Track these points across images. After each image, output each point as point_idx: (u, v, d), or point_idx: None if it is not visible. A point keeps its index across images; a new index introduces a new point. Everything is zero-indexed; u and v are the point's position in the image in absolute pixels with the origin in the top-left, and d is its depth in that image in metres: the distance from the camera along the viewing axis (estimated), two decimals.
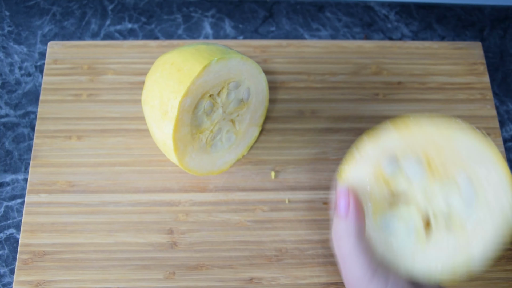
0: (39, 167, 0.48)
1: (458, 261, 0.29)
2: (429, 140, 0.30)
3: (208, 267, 0.44)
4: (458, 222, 0.29)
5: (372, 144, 0.31)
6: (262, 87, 0.46)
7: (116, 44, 0.54)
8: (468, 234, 0.29)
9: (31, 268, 0.44)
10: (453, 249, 0.29)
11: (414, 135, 0.30)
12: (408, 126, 0.30)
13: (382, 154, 0.31)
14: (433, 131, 0.30)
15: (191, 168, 0.43)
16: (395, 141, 0.31)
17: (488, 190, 0.29)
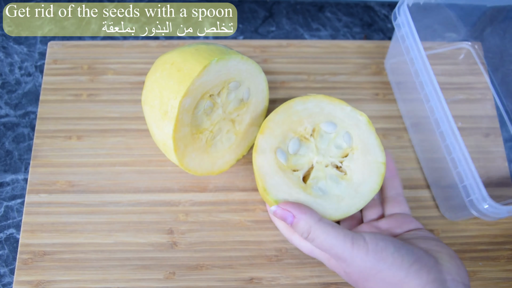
0: (39, 167, 0.48)
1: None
2: (288, 122, 0.40)
3: (208, 267, 0.44)
4: (352, 153, 0.39)
5: (264, 139, 0.39)
6: (262, 87, 0.46)
7: (116, 44, 0.54)
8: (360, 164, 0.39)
9: (31, 268, 0.44)
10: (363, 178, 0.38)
11: (276, 128, 0.39)
12: (268, 126, 0.39)
13: (272, 146, 0.39)
14: (284, 116, 0.40)
15: (191, 168, 0.43)
16: (269, 141, 0.39)
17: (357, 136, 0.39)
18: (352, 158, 0.39)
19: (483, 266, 0.45)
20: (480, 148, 0.50)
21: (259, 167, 0.37)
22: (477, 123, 0.52)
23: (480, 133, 0.51)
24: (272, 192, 0.36)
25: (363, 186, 0.37)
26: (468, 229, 0.47)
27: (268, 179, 0.37)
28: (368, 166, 0.38)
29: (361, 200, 0.37)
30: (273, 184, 0.37)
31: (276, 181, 0.37)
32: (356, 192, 0.37)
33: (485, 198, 0.36)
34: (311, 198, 0.37)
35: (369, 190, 0.37)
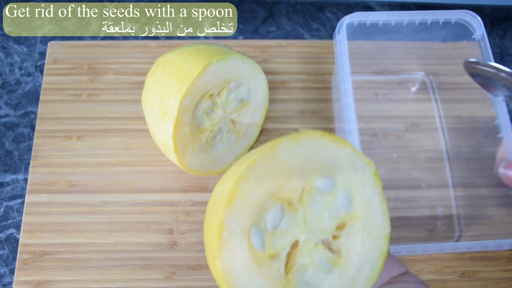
0: (39, 167, 0.48)
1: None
2: (270, 182, 0.26)
3: (208, 267, 0.44)
4: (350, 223, 0.28)
5: (233, 216, 0.25)
6: (262, 87, 0.46)
7: (116, 44, 0.54)
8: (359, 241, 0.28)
9: (31, 268, 0.44)
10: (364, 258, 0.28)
11: (252, 195, 0.26)
12: (241, 191, 0.25)
13: (245, 226, 0.25)
14: (266, 172, 0.26)
15: (191, 168, 0.43)
16: (240, 219, 0.25)
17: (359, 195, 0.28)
18: (350, 232, 0.28)
19: (483, 266, 0.45)
20: (479, 148, 0.50)
21: (226, 272, 0.24)
22: (477, 123, 0.52)
23: (480, 133, 0.51)
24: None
25: (360, 275, 0.27)
26: (468, 229, 0.47)
27: (239, 283, 0.25)
28: (368, 242, 0.27)
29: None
30: (231, 266, 0.25)
31: (238, 261, 0.25)
32: (351, 283, 0.27)
33: None
34: None
35: (367, 279, 0.27)
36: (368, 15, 0.44)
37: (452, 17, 0.46)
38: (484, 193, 0.48)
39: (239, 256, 0.25)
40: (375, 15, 0.44)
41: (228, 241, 0.24)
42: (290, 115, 0.51)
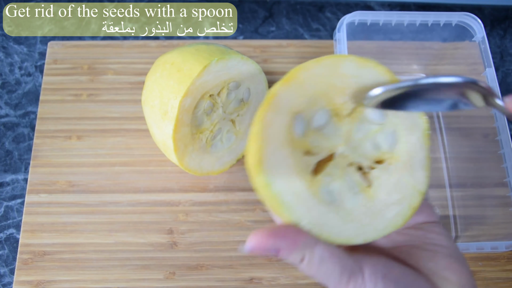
0: (39, 167, 0.48)
1: (403, 203, 0.27)
2: (327, 84, 0.26)
3: (208, 267, 0.44)
4: (389, 162, 0.27)
5: (286, 92, 0.25)
6: (262, 87, 0.46)
7: (116, 44, 0.54)
8: (400, 172, 0.27)
9: (31, 268, 0.44)
10: (395, 191, 0.27)
11: (309, 84, 0.26)
12: (299, 77, 0.26)
13: (294, 106, 0.25)
14: (326, 73, 0.26)
15: (191, 168, 0.43)
16: (293, 98, 0.25)
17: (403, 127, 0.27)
18: (387, 169, 0.27)
19: (483, 266, 0.45)
20: (479, 148, 0.50)
21: (264, 127, 0.24)
22: (477, 123, 0.52)
23: (479, 133, 0.51)
24: (267, 171, 0.24)
25: (384, 214, 0.26)
26: (468, 229, 0.47)
27: (269, 150, 0.24)
28: (401, 189, 0.27)
29: (373, 231, 0.26)
30: (272, 160, 0.24)
31: (277, 158, 0.24)
32: (372, 218, 0.26)
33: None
34: (312, 201, 0.25)
35: (390, 222, 0.26)
36: (369, 15, 0.44)
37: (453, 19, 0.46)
38: (482, 193, 0.48)
39: (279, 125, 0.25)
40: (376, 15, 0.44)
41: (274, 108, 0.25)
42: None
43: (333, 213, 0.26)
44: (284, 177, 0.25)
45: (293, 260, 0.25)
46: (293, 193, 0.25)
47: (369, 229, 0.26)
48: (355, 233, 0.26)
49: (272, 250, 0.25)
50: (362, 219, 0.26)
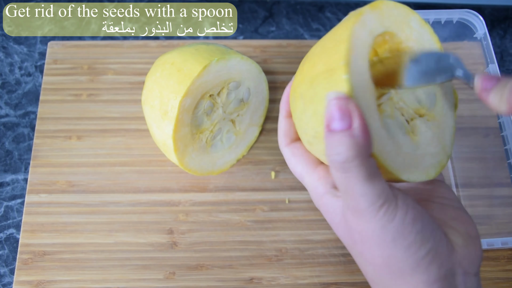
0: (39, 167, 0.48)
1: (442, 148, 0.29)
2: (399, 25, 0.28)
3: (208, 267, 0.44)
4: (427, 118, 0.29)
5: (360, 26, 0.26)
6: (262, 87, 0.46)
7: (116, 44, 0.54)
8: (439, 122, 0.29)
9: (31, 268, 0.44)
10: (437, 138, 0.29)
11: (387, 18, 0.28)
12: (381, 8, 0.28)
13: (376, 27, 0.27)
14: (400, 17, 0.28)
15: (191, 168, 0.43)
16: (374, 23, 0.27)
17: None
18: (426, 123, 0.29)
19: (483, 266, 0.45)
20: (480, 148, 0.50)
21: (353, 36, 0.25)
22: (477, 123, 0.52)
23: (480, 133, 0.51)
24: (350, 70, 0.24)
25: (423, 161, 0.28)
26: None
27: (354, 56, 0.25)
28: (435, 145, 0.29)
29: (414, 174, 0.27)
30: (355, 64, 0.25)
31: (359, 65, 0.25)
32: (414, 161, 0.27)
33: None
34: (378, 119, 0.25)
35: (425, 171, 0.28)
36: None
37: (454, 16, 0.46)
38: (484, 193, 0.48)
39: (361, 42, 0.26)
40: None
41: (362, 23, 0.26)
42: None
43: (391, 141, 0.26)
44: (360, 83, 0.25)
45: (341, 149, 0.23)
46: (366, 102, 0.25)
47: (412, 170, 0.27)
48: (402, 168, 0.26)
49: (345, 117, 0.23)
50: (407, 159, 0.27)
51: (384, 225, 0.24)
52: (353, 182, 0.24)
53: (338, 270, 0.45)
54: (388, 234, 0.24)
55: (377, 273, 0.26)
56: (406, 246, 0.24)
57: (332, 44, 0.26)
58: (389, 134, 0.26)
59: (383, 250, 0.25)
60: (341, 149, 0.23)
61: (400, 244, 0.24)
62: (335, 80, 0.24)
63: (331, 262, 0.45)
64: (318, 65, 0.26)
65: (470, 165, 0.50)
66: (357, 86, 0.24)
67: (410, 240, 0.24)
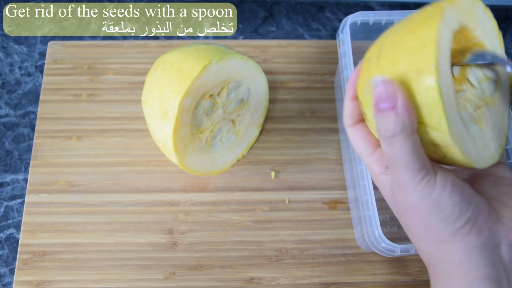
0: (39, 167, 0.48)
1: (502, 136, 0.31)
2: (468, 17, 0.29)
3: (208, 267, 0.44)
4: (490, 104, 0.31)
5: (444, 24, 0.27)
6: (262, 87, 0.46)
7: (116, 44, 0.54)
8: (498, 109, 0.31)
9: (31, 268, 0.44)
10: (496, 125, 0.31)
11: (460, 11, 0.28)
12: (456, 2, 0.28)
13: (450, 34, 0.27)
14: (469, 8, 0.29)
15: (191, 168, 0.43)
16: (453, 19, 0.28)
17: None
18: (490, 110, 0.31)
19: None
20: None
21: (438, 36, 0.26)
22: None
23: None
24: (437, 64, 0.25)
25: (489, 147, 0.30)
26: None
27: (440, 58, 0.25)
28: (497, 130, 0.31)
29: (484, 159, 0.29)
30: (440, 70, 0.25)
31: (443, 70, 0.26)
32: (484, 148, 0.29)
33: (382, 237, 0.37)
34: (457, 113, 0.27)
35: (491, 155, 0.30)
36: (370, 15, 0.44)
37: None
38: None
39: (445, 41, 0.26)
40: (378, 14, 0.44)
41: (444, 23, 0.26)
42: (290, 115, 0.51)
43: (468, 134, 0.28)
44: (445, 84, 0.26)
45: (390, 125, 0.26)
46: (450, 102, 0.26)
47: (482, 157, 0.29)
48: (476, 157, 0.28)
49: (392, 97, 0.26)
50: (480, 148, 0.29)
51: (423, 197, 0.27)
52: (397, 155, 0.27)
53: (338, 270, 0.45)
54: (427, 206, 0.27)
55: (419, 242, 0.29)
56: (443, 217, 0.27)
57: (416, 43, 0.27)
58: (466, 128, 0.28)
59: (423, 221, 0.28)
60: (388, 125, 0.26)
61: (438, 215, 0.27)
62: (425, 82, 0.26)
63: (331, 262, 0.45)
64: (401, 63, 0.27)
65: None
66: (444, 87, 0.26)
67: (448, 212, 0.27)
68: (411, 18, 0.29)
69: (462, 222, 0.27)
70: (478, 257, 0.27)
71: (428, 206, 0.27)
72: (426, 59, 0.26)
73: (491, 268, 0.26)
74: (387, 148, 0.27)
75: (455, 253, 0.27)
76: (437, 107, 0.25)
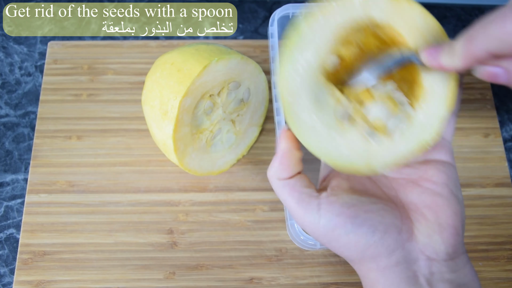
0: (39, 167, 0.48)
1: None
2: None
3: (208, 267, 0.44)
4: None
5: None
6: (262, 87, 0.46)
7: (116, 44, 0.54)
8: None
9: (31, 268, 0.44)
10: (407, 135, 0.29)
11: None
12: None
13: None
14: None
15: (191, 168, 0.43)
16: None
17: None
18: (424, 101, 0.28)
19: (483, 266, 0.45)
20: (480, 148, 0.50)
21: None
22: (477, 123, 0.52)
23: (480, 133, 0.51)
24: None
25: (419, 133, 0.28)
26: (468, 229, 0.47)
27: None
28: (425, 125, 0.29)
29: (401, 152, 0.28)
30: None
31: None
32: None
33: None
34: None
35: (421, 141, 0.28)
36: (301, 7, 0.44)
37: None
38: (484, 193, 0.48)
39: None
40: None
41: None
42: None
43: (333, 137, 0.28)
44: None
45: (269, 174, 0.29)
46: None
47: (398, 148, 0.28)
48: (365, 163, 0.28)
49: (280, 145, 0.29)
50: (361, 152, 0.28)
51: (315, 227, 0.27)
52: (279, 194, 0.29)
53: (338, 270, 0.45)
54: (321, 234, 0.27)
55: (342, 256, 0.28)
56: (342, 245, 0.27)
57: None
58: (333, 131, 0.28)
59: (326, 244, 0.27)
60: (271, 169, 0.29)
61: (336, 245, 0.27)
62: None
63: (331, 262, 0.45)
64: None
65: (470, 165, 0.50)
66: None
67: (343, 241, 0.26)
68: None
69: (363, 247, 0.26)
70: (393, 274, 0.26)
71: (322, 235, 0.27)
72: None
73: (408, 284, 0.26)
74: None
75: (370, 272, 0.27)
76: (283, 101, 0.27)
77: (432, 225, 0.27)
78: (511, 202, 0.48)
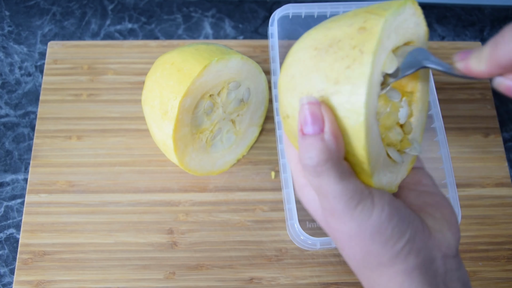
0: (39, 167, 0.48)
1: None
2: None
3: (208, 267, 0.44)
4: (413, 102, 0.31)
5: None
6: (262, 87, 0.46)
7: (116, 44, 0.54)
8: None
9: (31, 268, 0.44)
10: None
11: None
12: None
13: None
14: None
15: (191, 168, 0.43)
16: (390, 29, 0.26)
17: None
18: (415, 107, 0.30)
19: (483, 266, 0.45)
20: (480, 148, 0.50)
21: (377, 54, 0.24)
22: (477, 123, 0.52)
23: (480, 133, 0.51)
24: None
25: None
26: (468, 229, 0.47)
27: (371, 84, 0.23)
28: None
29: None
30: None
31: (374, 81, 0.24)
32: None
33: (301, 231, 0.38)
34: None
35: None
36: (302, 7, 0.44)
37: None
38: (484, 193, 0.48)
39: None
40: (309, 7, 0.44)
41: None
42: None
43: (384, 159, 0.27)
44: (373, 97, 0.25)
45: (312, 153, 0.23)
46: (372, 113, 0.24)
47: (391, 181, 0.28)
48: (386, 183, 0.28)
49: (317, 121, 0.23)
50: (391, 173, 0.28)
51: (361, 223, 0.25)
52: (326, 185, 0.24)
53: (338, 270, 0.45)
54: (366, 231, 0.25)
55: (359, 267, 0.27)
56: (383, 241, 0.25)
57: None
58: (383, 154, 0.27)
59: (362, 247, 0.26)
60: (313, 153, 0.23)
61: (378, 240, 0.25)
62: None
63: (331, 262, 0.45)
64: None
65: (470, 165, 0.50)
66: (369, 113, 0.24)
67: (387, 235, 0.25)
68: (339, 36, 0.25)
69: (402, 243, 0.25)
70: (419, 277, 0.25)
71: (367, 232, 0.25)
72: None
73: (430, 287, 0.25)
74: (312, 178, 0.24)
75: (396, 276, 0.26)
76: (360, 132, 0.23)
77: (441, 221, 0.27)
78: (511, 202, 0.48)
